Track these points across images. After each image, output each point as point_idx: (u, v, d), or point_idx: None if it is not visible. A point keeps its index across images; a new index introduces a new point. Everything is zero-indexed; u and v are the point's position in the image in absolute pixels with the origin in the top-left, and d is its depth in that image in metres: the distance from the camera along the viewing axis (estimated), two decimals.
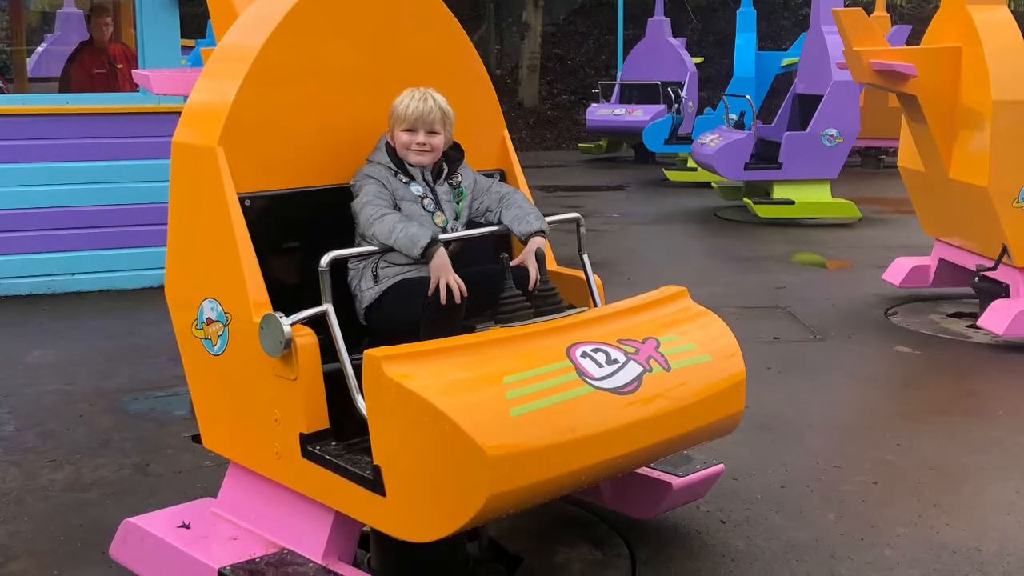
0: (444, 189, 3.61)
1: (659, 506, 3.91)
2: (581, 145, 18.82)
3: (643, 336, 3.28)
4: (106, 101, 8.01)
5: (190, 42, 13.62)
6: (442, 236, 3.38)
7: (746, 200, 11.47)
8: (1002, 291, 6.67)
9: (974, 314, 6.99)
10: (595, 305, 3.72)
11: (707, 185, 13.32)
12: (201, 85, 3.55)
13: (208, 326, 3.40)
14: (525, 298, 3.32)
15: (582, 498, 4.02)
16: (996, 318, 6.43)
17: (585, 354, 3.10)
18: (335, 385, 3.16)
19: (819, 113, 10.97)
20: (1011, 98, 6.38)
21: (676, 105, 15.56)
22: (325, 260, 3.16)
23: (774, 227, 10.96)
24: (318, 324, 3.15)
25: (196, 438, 3.66)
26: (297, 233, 3.55)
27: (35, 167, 7.64)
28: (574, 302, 3.63)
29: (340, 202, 3.52)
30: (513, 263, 3.40)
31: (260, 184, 3.42)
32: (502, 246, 3.84)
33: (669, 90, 15.66)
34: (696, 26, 22.87)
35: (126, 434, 4.98)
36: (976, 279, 6.86)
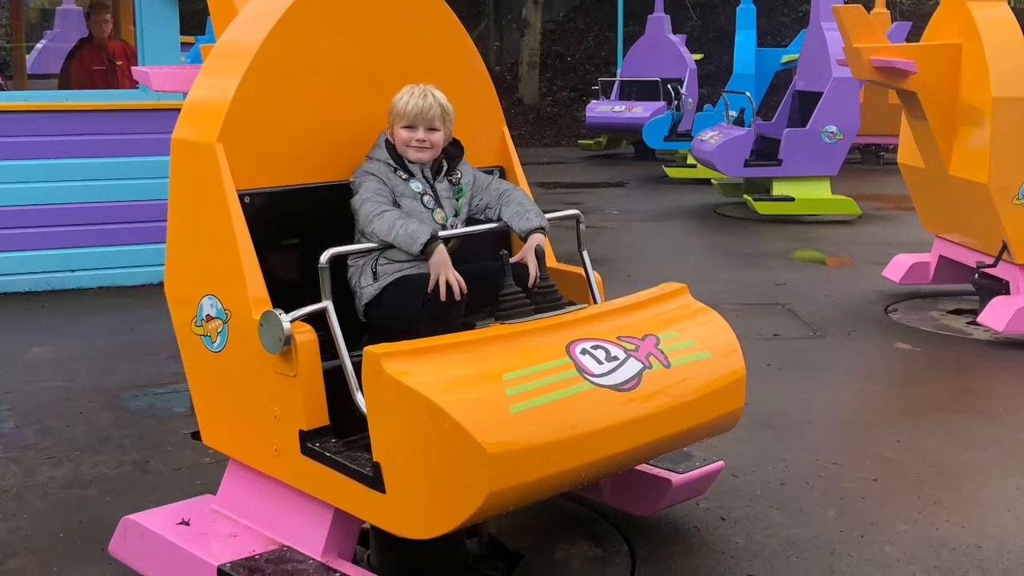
0: (444, 186, 3.61)
1: (659, 503, 3.91)
2: (581, 142, 18.81)
3: (643, 333, 3.28)
4: (105, 98, 8.01)
5: (189, 39, 13.57)
6: (442, 233, 3.38)
7: (746, 197, 11.46)
8: (1002, 288, 6.67)
9: (974, 311, 6.99)
10: (595, 302, 3.71)
11: (707, 182, 13.31)
12: (200, 82, 3.54)
13: (208, 323, 3.40)
14: (525, 295, 3.32)
15: (582, 495, 4.02)
16: (996, 315, 6.42)
17: (585, 351, 3.10)
18: (335, 382, 3.16)
19: (819, 110, 10.96)
20: (1011, 95, 6.38)
21: (676, 102, 15.56)
22: (325, 257, 3.16)
23: (774, 224, 10.95)
24: (318, 321, 3.15)
25: (195, 435, 3.65)
26: (297, 230, 3.55)
27: (34, 164, 7.64)
28: (574, 299, 3.62)
29: (340, 199, 3.52)
30: (513, 260, 3.40)
31: (260, 181, 3.42)
32: (502, 243, 3.84)
33: (669, 87, 15.66)
34: (696, 23, 22.87)
35: (126, 431, 4.98)
36: (976, 276, 6.85)
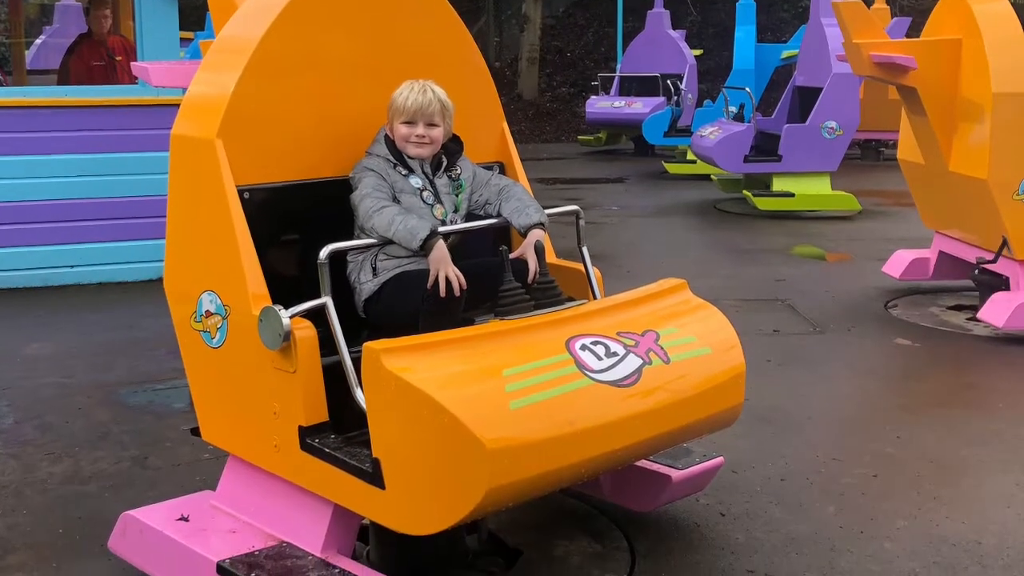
0: (443, 182, 3.60)
1: (659, 499, 3.91)
2: (580, 137, 18.79)
3: (642, 329, 3.27)
4: (105, 93, 7.99)
5: (189, 34, 13.60)
6: (441, 229, 3.37)
7: (746, 193, 11.45)
8: (1002, 284, 6.67)
9: (974, 307, 6.99)
10: (594, 298, 3.71)
11: (706, 178, 13.30)
12: (200, 77, 3.54)
13: (207, 319, 3.39)
14: (524, 291, 3.32)
15: (581, 491, 4.02)
16: (996, 311, 6.42)
17: (584, 347, 3.10)
18: (334, 378, 3.16)
19: (819, 105, 10.95)
20: (1011, 90, 6.37)
21: (676, 97, 15.55)
22: (324, 253, 3.16)
23: (774, 220, 10.94)
24: (317, 317, 3.15)
25: (195, 431, 3.65)
26: (296, 226, 3.55)
27: (33, 159, 7.63)
28: (573, 295, 3.62)
29: (339, 194, 3.51)
30: (512, 256, 3.40)
31: (259, 176, 3.41)
32: (501, 239, 3.84)
33: (668, 82, 15.64)
34: (696, 18, 22.85)
35: (125, 427, 4.97)
36: (976, 272, 6.85)
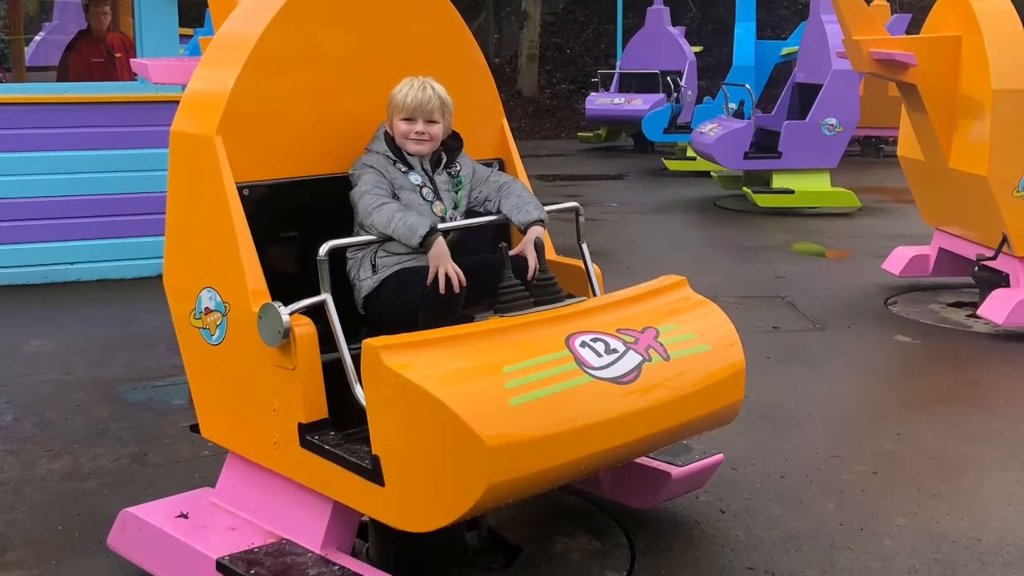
0: (443, 178, 3.60)
1: (658, 496, 3.91)
2: (580, 134, 18.79)
3: (642, 326, 3.27)
4: (104, 90, 7.99)
5: (188, 31, 13.60)
6: (441, 225, 3.37)
7: (745, 189, 11.45)
8: (1002, 280, 6.66)
9: (974, 303, 6.98)
10: (594, 294, 3.71)
11: (706, 174, 13.30)
12: (199, 74, 3.53)
13: (206, 315, 3.39)
14: (524, 287, 3.32)
15: (581, 488, 4.01)
16: (996, 307, 6.42)
17: (584, 344, 3.09)
18: (334, 375, 3.15)
19: (819, 102, 10.95)
20: (1011, 87, 6.37)
21: (675, 94, 15.54)
22: (323, 249, 3.15)
23: (773, 216, 10.94)
24: (317, 314, 3.14)
25: (194, 428, 3.65)
26: (296, 222, 3.54)
27: (33, 156, 7.63)
28: (573, 291, 3.62)
29: (339, 191, 3.51)
30: (512, 252, 3.39)
31: (259, 173, 3.41)
32: (501, 235, 3.83)
33: (668, 79, 15.63)
34: (695, 15, 22.84)
35: (124, 424, 4.97)
36: (976, 268, 6.84)
